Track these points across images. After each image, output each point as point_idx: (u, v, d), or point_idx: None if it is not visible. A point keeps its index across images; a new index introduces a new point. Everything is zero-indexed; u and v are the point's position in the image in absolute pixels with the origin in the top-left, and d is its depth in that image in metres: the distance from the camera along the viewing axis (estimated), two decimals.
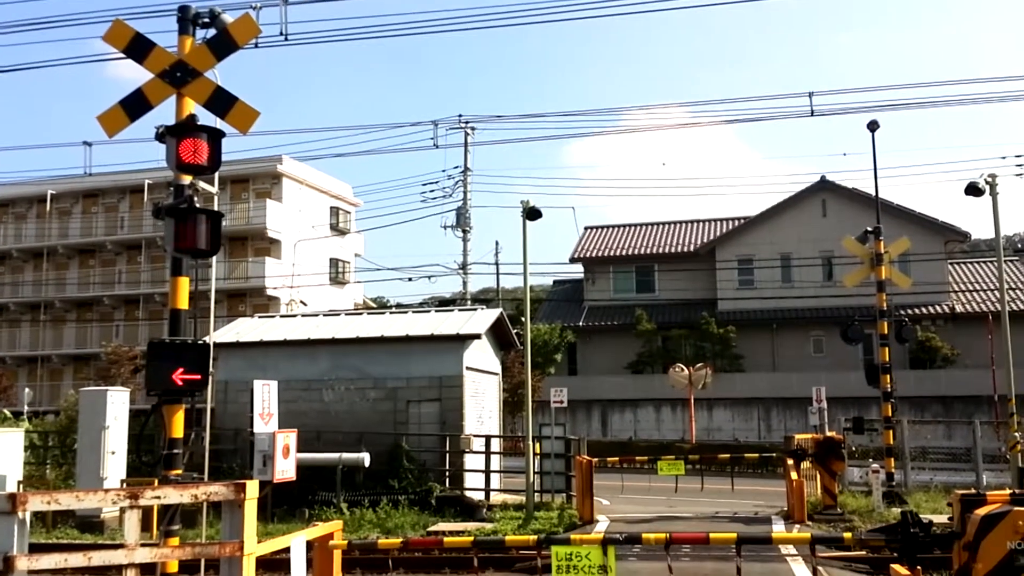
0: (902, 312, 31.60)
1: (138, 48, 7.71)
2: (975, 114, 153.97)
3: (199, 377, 7.07)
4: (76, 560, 5.20)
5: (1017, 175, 35.21)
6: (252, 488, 5.55)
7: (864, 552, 11.25)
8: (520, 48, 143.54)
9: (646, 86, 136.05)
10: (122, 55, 7.76)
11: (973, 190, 16.61)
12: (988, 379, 31.64)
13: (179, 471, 7.15)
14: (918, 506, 15.52)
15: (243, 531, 5.46)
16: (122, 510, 5.46)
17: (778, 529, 14.03)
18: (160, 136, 7.55)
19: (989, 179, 16.75)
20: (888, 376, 17.82)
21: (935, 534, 6.83)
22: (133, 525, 5.40)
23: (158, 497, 5.70)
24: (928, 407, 33.96)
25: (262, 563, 6.95)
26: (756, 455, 21.79)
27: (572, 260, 44.22)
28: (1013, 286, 37.36)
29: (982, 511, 6.29)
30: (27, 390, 37.18)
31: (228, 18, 7.93)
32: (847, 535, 7.48)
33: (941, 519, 11.06)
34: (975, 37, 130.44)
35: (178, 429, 7.21)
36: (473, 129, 39.28)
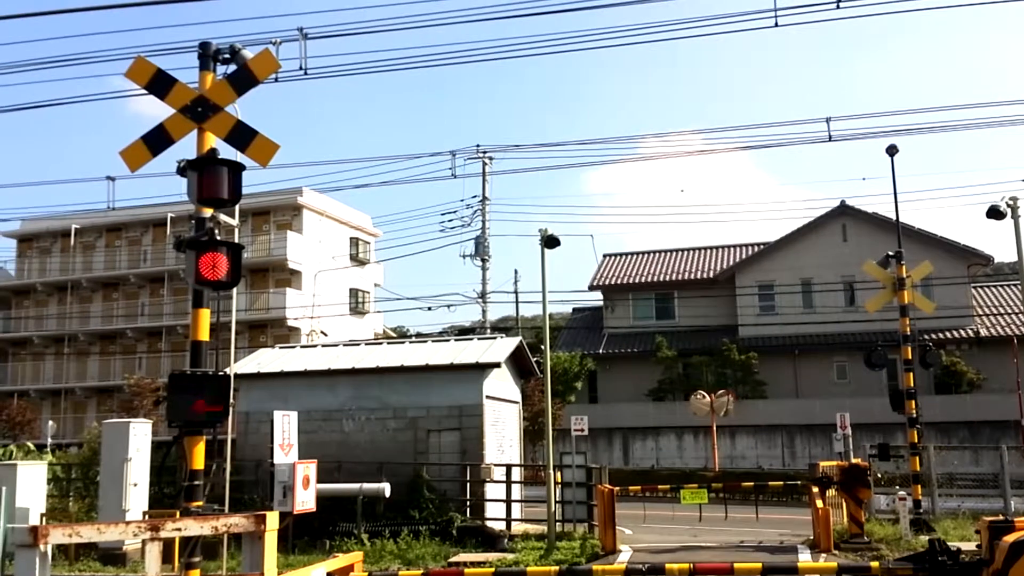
0: (926, 337, 31.33)
1: (160, 84, 7.83)
2: (996, 136, 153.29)
3: (220, 408, 7.10)
4: None
5: None
6: (272, 519, 5.56)
7: None
8: (538, 77, 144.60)
9: (663, 113, 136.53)
10: (144, 91, 7.89)
11: (995, 213, 16.48)
12: (1015, 403, 31.27)
13: (200, 503, 7.16)
14: (946, 534, 15.26)
15: (264, 563, 5.46)
16: (143, 542, 5.46)
17: (804, 558, 13.83)
18: (182, 170, 7.65)
19: (1011, 202, 16.62)
20: (913, 402, 17.61)
21: (963, 562, 6.73)
22: (154, 557, 5.41)
23: (179, 529, 5.71)
24: (954, 433, 33.49)
25: None
26: (780, 483, 21.48)
27: (591, 288, 44.19)
28: None
29: (1010, 538, 6.20)
30: (51, 423, 37.44)
31: (248, 53, 8.05)
32: (874, 564, 7.38)
33: (969, 547, 10.87)
34: (995, 59, 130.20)
35: (199, 461, 7.22)
36: (491, 159, 39.56)
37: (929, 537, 7.99)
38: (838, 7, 13.63)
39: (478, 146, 38.42)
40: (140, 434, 15.75)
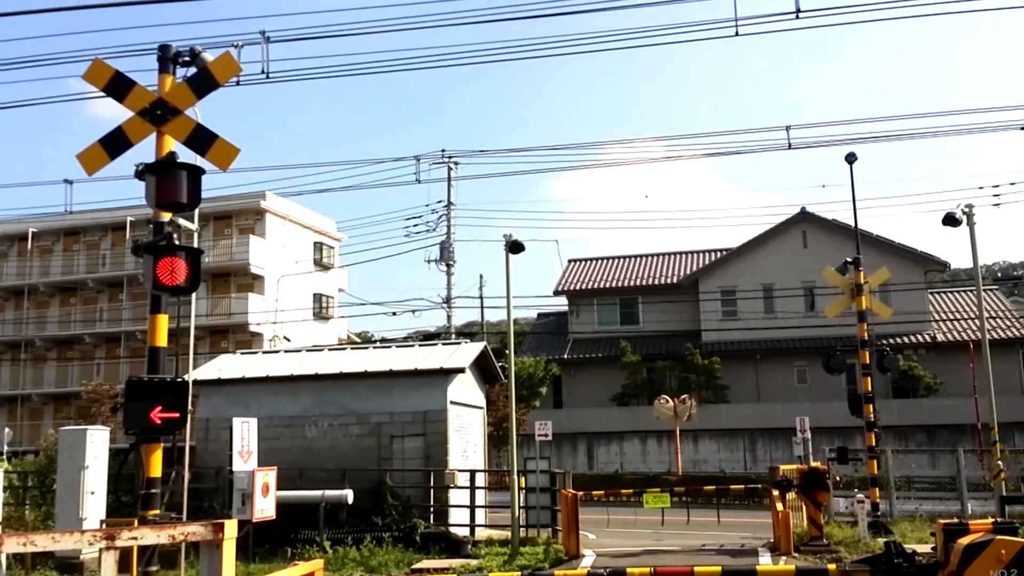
0: (884, 342, 31.69)
1: (118, 87, 7.74)
2: (952, 146, 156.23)
3: (177, 415, 7.03)
4: None
5: (994, 205, 35.73)
6: (231, 528, 5.49)
7: None
8: (503, 83, 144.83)
9: (626, 120, 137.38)
10: (102, 94, 7.79)
11: (951, 220, 16.81)
12: (971, 407, 31.81)
13: (158, 511, 7.08)
14: (903, 536, 15.50)
15: (222, 571, 5.39)
16: (100, 551, 5.38)
17: (765, 561, 13.97)
18: (140, 174, 7.57)
19: (966, 209, 16.96)
20: (871, 406, 17.87)
21: (919, 564, 6.84)
22: (110, 566, 5.33)
23: (135, 538, 5.63)
24: (912, 436, 34.02)
25: None
26: (742, 487, 21.69)
27: (556, 293, 44.31)
28: (993, 315, 37.66)
29: (965, 540, 6.31)
30: (7, 430, 36.73)
31: (209, 56, 7.99)
32: (832, 567, 7.48)
33: (926, 549, 11.05)
34: (951, 70, 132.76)
35: (156, 468, 7.14)
36: (456, 164, 39.44)
37: (886, 539, 8.11)
38: (797, 17, 13.84)
39: (443, 151, 38.37)
40: (97, 441, 15.47)
